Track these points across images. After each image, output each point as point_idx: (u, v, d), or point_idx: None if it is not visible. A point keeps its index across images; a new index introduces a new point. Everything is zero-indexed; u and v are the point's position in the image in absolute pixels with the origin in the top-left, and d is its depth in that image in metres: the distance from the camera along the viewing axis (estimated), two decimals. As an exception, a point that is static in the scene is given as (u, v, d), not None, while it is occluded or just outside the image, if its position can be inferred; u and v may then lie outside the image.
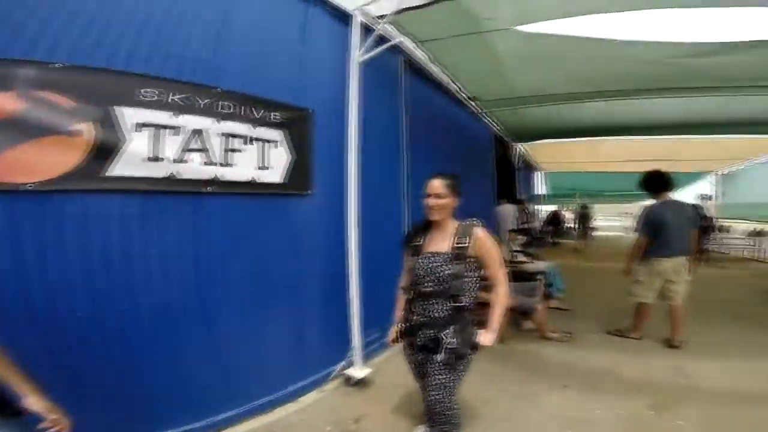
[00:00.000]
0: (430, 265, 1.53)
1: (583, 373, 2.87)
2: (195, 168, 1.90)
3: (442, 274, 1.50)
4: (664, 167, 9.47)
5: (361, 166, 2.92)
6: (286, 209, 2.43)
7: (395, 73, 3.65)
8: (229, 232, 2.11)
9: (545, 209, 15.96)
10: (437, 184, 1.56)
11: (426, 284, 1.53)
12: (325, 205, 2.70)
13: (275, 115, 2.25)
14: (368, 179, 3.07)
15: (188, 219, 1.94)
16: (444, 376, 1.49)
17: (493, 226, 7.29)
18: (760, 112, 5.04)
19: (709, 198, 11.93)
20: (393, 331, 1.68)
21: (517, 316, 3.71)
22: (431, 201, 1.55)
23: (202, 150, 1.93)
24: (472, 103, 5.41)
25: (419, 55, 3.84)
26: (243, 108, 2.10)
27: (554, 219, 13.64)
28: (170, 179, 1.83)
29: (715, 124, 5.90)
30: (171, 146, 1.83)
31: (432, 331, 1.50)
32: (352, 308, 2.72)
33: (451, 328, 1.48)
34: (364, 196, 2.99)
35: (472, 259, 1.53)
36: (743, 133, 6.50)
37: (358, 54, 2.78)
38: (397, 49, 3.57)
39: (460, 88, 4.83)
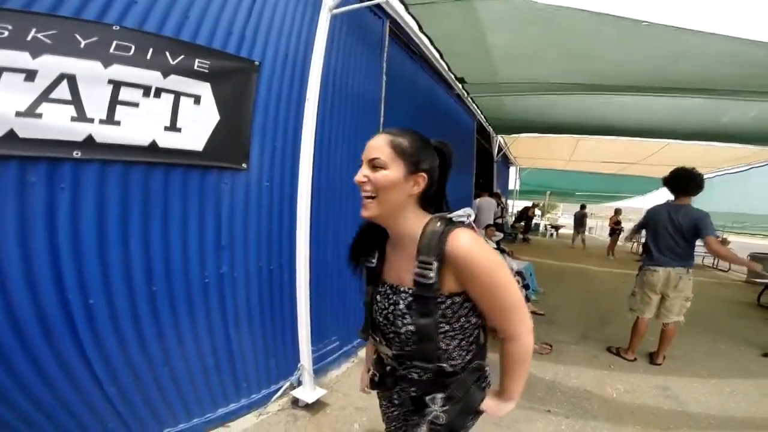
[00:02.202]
0: (389, 311, 0.88)
1: (567, 393, 2.58)
2: (54, 124, 1.29)
3: (403, 329, 0.85)
4: (638, 170, 9.60)
5: (324, 138, 2.39)
6: (208, 186, 1.82)
7: (378, 39, 3.10)
8: (110, 213, 1.49)
9: (516, 205, 16.17)
10: (377, 143, 0.82)
11: (389, 339, 0.90)
12: (267, 184, 2.10)
13: (201, 63, 1.65)
14: (332, 155, 2.56)
15: (39, 194, 1.32)
16: None
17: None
18: (750, 122, 4.88)
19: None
20: (363, 377, 1.13)
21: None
22: (358, 176, 0.83)
23: (71, 101, 1.32)
24: (459, 86, 4.94)
25: (408, 21, 3.30)
26: (152, 51, 1.51)
27: (525, 215, 13.68)
28: (9, 138, 1.21)
29: (703, 130, 5.77)
30: (17, 95, 1.23)
31: (413, 389, 0.93)
32: (300, 315, 2.18)
33: (439, 396, 0.89)
34: (323, 175, 2.46)
35: (453, 298, 0.82)
36: (728, 142, 6.43)
37: (332, 2, 2.18)
38: (382, 12, 3.05)
39: (448, 67, 4.32)
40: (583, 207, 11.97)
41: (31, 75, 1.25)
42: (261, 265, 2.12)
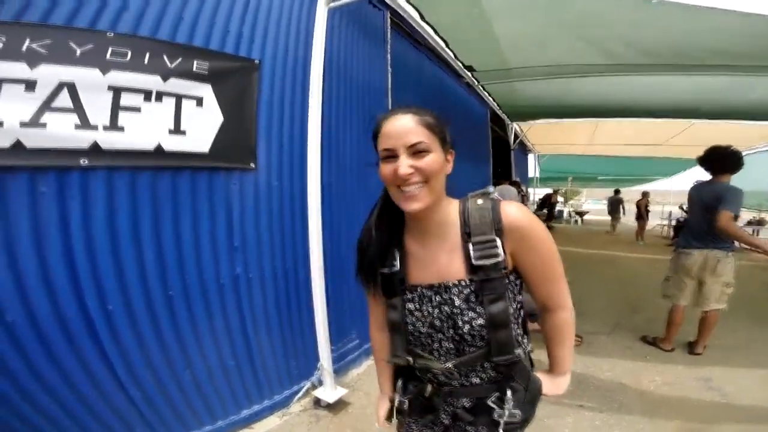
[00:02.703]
0: (435, 316, 0.77)
1: (600, 387, 2.46)
2: (59, 133, 1.30)
3: (465, 329, 0.74)
4: (662, 151, 9.15)
5: (332, 132, 2.38)
6: (217, 187, 1.81)
7: (380, 31, 3.04)
8: (121, 220, 1.51)
9: (537, 192, 15.75)
10: (409, 125, 0.71)
11: (435, 349, 0.79)
12: (276, 183, 2.08)
13: (200, 65, 1.63)
14: (340, 148, 2.53)
15: (51, 204, 1.34)
16: None
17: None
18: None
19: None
20: (382, 409, 0.94)
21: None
22: (403, 168, 0.69)
23: (74, 110, 1.33)
24: (468, 74, 4.80)
25: (409, 11, 3.22)
26: (149, 55, 1.51)
27: (547, 202, 13.31)
28: (17, 149, 1.23)
29: (730, 109, 5.40)
30: (20, 105, 1.25)
31: (465, 400, 0.82)
32: (317, 315, 2.17)
33: (508, 392, 0.78)
34: (333, 170, 2.44)
35: (510, 276, 0.76)
36: (758, 120, 6.00)
37: (327, -3, 2.14)
38: (382, 4, 3.00)
39: (455, 55, 4.20)
40: (617, 192, 11.50)
41: (31, 85, 1.26)
42: (276, 265, 2.11)
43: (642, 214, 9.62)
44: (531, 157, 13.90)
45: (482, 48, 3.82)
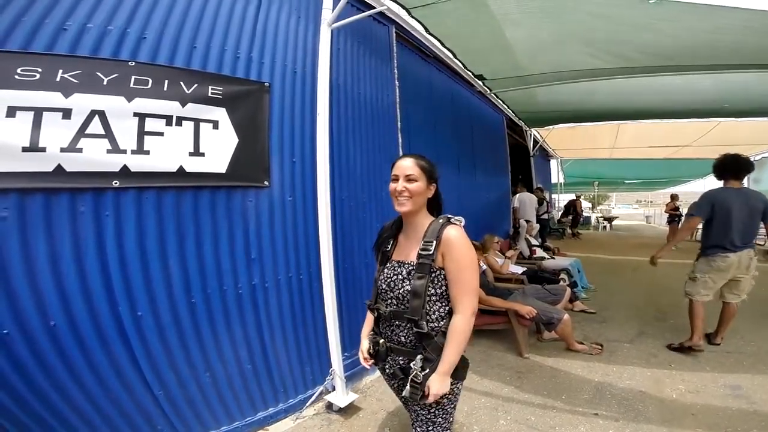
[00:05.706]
0: (392, 279, 1.23)
1: (618, 395, 2.39)
2: (94, 158, 1.48)
3: (401, 290, 1.19)
4: (690, 153, 8.78)
5: (342, 148, 2.51)
6: (234, 205, 1.96)
7: (385, 46, 3.16)
8: (149, 235, 1.67)
9: (562, 198, 15.30)
10: (408, 164, 1.22)
11: (387, 302, 1.24)
12: (290, 199, 2.21)
13: (215, 90, 1.80)
14: (351, 163, 2.64)
15: (88, 221, 1.51)
16: (427, 412, 1.22)
17: (506, 217, 6.76)
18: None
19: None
20: (364, 351, 1.34)
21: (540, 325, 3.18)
22: (399, 186, 1.21)
23: (105, 135, 1.51)
24: (479, 83, 4.86)
25: (414, 25, 3.34)
26: (167, 83, 1.68)
27: (573, 208, 12.89)
28: (58, 173, 1.41)
29: (755, 107, 5.19)
30: (59, 132, 1.42)
31: (400, 359, 1.23)
32: (329, 323, 2.27)
33: (418, 358, 1.16)
34: (344, 184, 2.56)
35: (440, 271, 1.18)
36: None
37: (330, 18, 2.29)
38: (386, 19, 3.11)
39: (464, 65, 4.28)
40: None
41: (67, 113, 1.43)
42: (290, 275, 2.23)
43: (673, 217, 9.18)
44: (553, 163, 13.62)
45: (495, 56, 3.88)
